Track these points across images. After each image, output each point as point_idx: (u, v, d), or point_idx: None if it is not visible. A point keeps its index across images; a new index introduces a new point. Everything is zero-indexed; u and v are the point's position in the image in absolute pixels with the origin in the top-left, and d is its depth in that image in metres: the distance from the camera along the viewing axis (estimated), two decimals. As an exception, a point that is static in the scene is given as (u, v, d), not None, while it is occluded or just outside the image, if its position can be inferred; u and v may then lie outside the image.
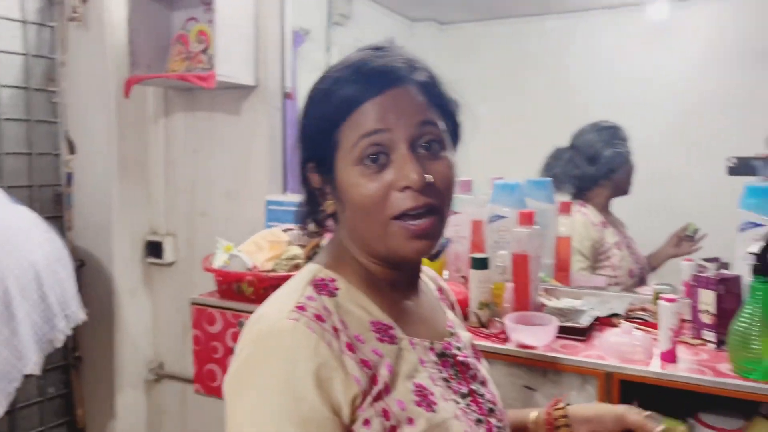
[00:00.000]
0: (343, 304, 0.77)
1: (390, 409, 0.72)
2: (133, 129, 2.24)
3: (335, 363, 0.70)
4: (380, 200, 0.74)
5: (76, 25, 2.16)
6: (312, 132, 0.80)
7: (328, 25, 2.91)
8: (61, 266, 1.80)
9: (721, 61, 2.48)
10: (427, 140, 0.76)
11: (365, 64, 0.77)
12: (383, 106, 0.74)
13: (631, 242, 2.08)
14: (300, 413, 0.68)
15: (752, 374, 1.14)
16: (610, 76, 2.65)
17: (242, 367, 0.72)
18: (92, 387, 2.31)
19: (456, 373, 0.84)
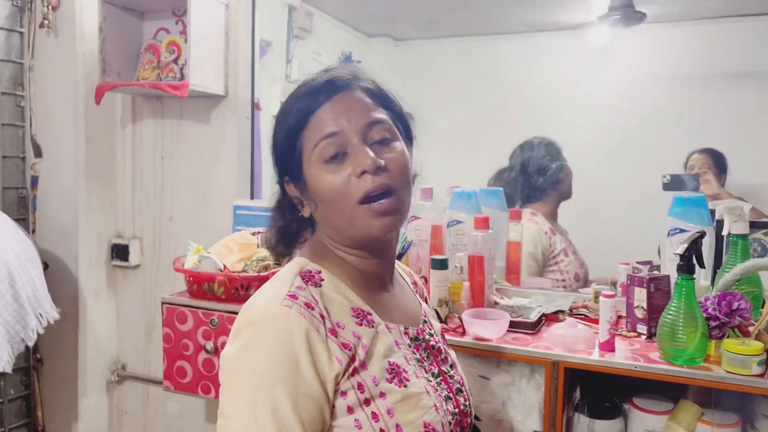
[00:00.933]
0: (327, 294, 0.87)
1: (364, 383, 0.83)
2: (101, 134, 2.29)
3: (322, 346, 0.81)
4: (344, 189, 0.85)
5: (45, 32, 2.20)
6: (281, 146, 0.92)
7: (289, 38, 3.02)
8: (32, 266, 1.84)
9: (656, 84, 2.70)
10: (377, 134, 0.88)
11: (315, 79, 0.90)
12: (334, 109, 0.87)
13: (575, 249, 2.26)
14: (294, 381, 0.78)
15: (677, 360, 1.30)
16: (556, 94, 2.84)
17: (240, 347, 0.81)
18: (54, 388, 2.32)
19: (428, 356, 0.96)
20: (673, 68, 2.69)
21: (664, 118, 2.65)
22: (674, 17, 2.75)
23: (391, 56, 3.39)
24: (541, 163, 2.18)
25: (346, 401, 0.82)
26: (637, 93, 2.72)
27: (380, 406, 0.83)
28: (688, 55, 2.68)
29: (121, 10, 2.16)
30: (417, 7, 3.05)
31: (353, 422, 0.82)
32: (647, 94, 2.72)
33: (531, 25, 2.99)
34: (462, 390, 0.98)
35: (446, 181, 2.01)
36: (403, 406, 0.85)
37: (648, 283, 1.47)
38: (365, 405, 0.83)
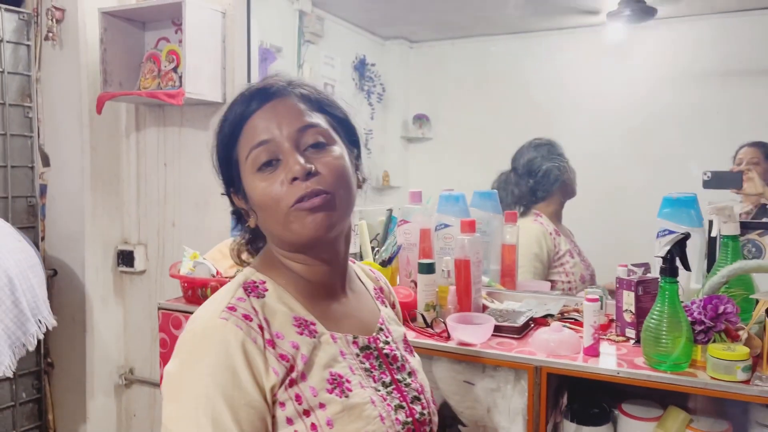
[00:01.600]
0: (269, 304, 0.87)
1: (302, 394, 0.83)
2: (106, 143, 2.34)
3: (260, 357, 0.82)
4: (277, 196, 0.85)
5: (51, 44, 2.26)
6: (220, 157, 0.93)
7: (300, 43, 3.03)
8: (33, 273, 1.89)
9: (673, 80, 2.64)
10: (311, 139, 0.87)
11: (249, 88, 0.90)
12: (265, 117, 0.87)
13: (581, 250, 2.22)
14: (233, 392, 0.78)
15: (662, 366, 1.26)
16: (569, 93, 2.80)
17: (180, 361, 0.82)
18: (64, 392, 2.38)
19: (380, 364, 0.94)
20: (690, 64, 2.63)
21: (684, 115, 2.58)
22: (687, 12, 2.68)
23: (407, 58, 3.39)
24: (541, 164, 2.15)
25: (285, 412, 0.82)
26: (653, 90, 2.66)
27: (320, 417, 0.83)
28: (705, 51, 2.61)
29: (122, 21, 2.20)
30: (431, 9, 3.04)
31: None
32: (664, 91, 2.66)
33: (543, 25, 2.96)
34: (420, 398, 0.97)
35: (463, 183, 2.00)
36: (343, 417, 0.84)
37: (636, 286, 1.43)
38: (305, 416, 0.82)
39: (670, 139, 2.58)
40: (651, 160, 2.59)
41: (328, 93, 0.94)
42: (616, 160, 2.58)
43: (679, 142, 2.55)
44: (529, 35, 3.03)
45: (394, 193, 3.02)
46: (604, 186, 2.41)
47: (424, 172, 3.07)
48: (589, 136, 2.49)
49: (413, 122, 3.14)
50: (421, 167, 3.10)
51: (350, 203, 0.90)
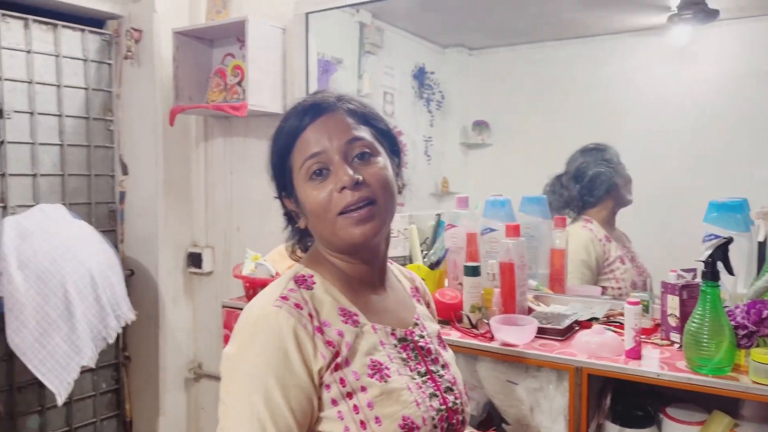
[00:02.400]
0: (317, 295, 0.97)
1: (346, 378, 0.92)
2: (178, 153, 2.52)
3: (309, 342, 0.91)
4: (327, 203, 0.94)
5: (129, 62, 2.46)
6: (275, 165, 1.03)
7: (360, 54, 3.14)
8: (113, 273, 2.06)
9: (743, 83, 2.57)
10: (358, 152, 0.96)
11: (302, 103, 1.00)
12: (318, 130, 0.96)
13: (635, 256, 2.20)
14: (284, 373, 0.87)
15: (703, 369, 1.27)
16: (635, 98, 2.77)
17: (237, 345, 0.92)
18: (139, 384, 2.57)
19: (416, 356, 1.02)
20: (754, 65, 2.56)
21: (749, 118, 2.51)
22: (750, 12, 2.61)
23: (466, 65, 3.42)
24: (593, 169, 2.15)
25: (330, 394, 0.91)
26: (716, 94, 2.59)
27: (361, 399, 0.91)
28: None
29: (192, 39, 2.37)
30: (490, 16, 3.07)
31: (336, 414, 0.91)
32: (727, 94, 2.59)
33: (602, 29, 2.94)
34: (452, 389, 1.03)
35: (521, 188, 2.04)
36: (382, 400, 0.92)
37: (680, 290, 1.44)
38: (347, 398, 0.91)
39: (735, 143, 2.51)
40: (714, 163, 2.53)
41: (372, 107, 1.04)
42: (677, 164, 2.52)
43: (744, 145, 2.48)
44: (588, 39, 3.01)
45: (453, 199, 3.06)
46: (665, 191, 2.37)
47: (483, 178, 3.10)
48: (650, 140, 2.46)
49: (473, 128, 3.17)
50: (480, 173, 3.12)
51: (392, 210, 0.99)
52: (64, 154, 2.36)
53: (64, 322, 1.90)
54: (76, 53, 2.40)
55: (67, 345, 1.91)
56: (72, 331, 1.91)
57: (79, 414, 2.43)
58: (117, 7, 2.44)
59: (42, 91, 2.30)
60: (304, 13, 2.25)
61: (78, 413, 2.42)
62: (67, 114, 2.37)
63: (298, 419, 0.88)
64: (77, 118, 2.42)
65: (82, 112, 2.43)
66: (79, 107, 2.42)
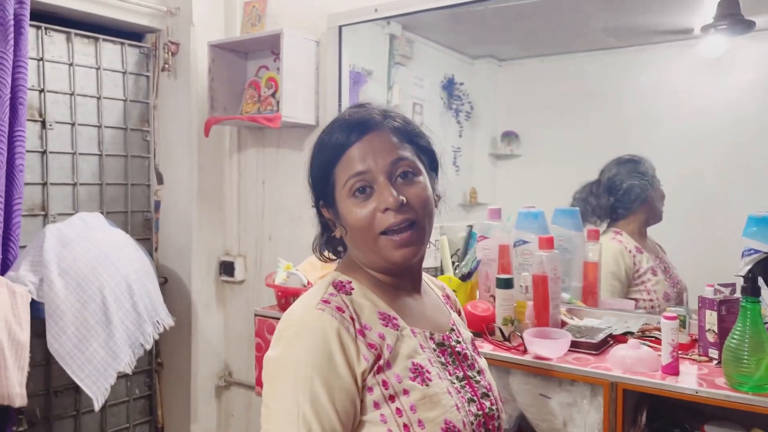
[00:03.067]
0: (356, 300, 0.98)
1: (389, 380, 0.93)
2: (211, 163, 2.56)
3: (352, 344, 0.92)
4: (369, 222, 0.96)
5: (166, 75, 2.52)
6: (316, 176, 1.04)
7: (390, 65, 3.16)
8: (149, 280, 2.10)
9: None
10: (401, 172, 0.98)
11: (348, 118, 1.01)
12: (363, 148, 0.97)
13: (669, 267, 2.17)
14: (330, 375, 0.88)
15: (743, 387, 1.25)
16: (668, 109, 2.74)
17: (280, 349, 0.93)
18: (171, 390, 2.60)
19: (453, 360, 1.03)
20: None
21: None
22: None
23: (495, 76, 3.42)
24: (626, 180, 2.13)
25: (373, 396, 0.92)
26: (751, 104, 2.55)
27: (404, 402, 0.92)
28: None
29: (227, 52, 2.42)
30: (520, 27, 3.07)
31: (379, 417, 0.91)
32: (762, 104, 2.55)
33: (634, 41, 2.91)
34: (488, 395, 1.04)
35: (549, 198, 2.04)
36: (425, 403, 0.93)
37: (719, 305, 1.42)
38: (390, 401, 0.92)
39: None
40: (748, 177, 2.48)
41: (415, 124, 1.05)
42: (711, 178, 2.49)
43: None
44: (620, 51, 2.99)
45: (482, 209, 3.04)
46: (699, 203, 2.33)
47: (512, 188, 3.09)
48: (684, 152, 2.43)
49: (501, 139, 3.17)
50: (509, 184, 3.11)
51: (431, 229, 1.01)
52: (102, 163, 2.42)
53: (102, 329, 1.94)
54: (115, 66, 2.46)
55: (104, 351, 1.95)
56: (110, 338, 1.95)
57: (113, 419, 2.47)
58: (155, 21, 2.50)
59: (83, 102, 2.36)
60: (337, 26, 2.28)
61: (111, 418, 2.46)
62: (106, 125, 2.44)
63: (342, 421, 0.89)
64: (115, 128, 2.48)
65: (120, 123, 2.49)
66: (117, 118, 2.48)
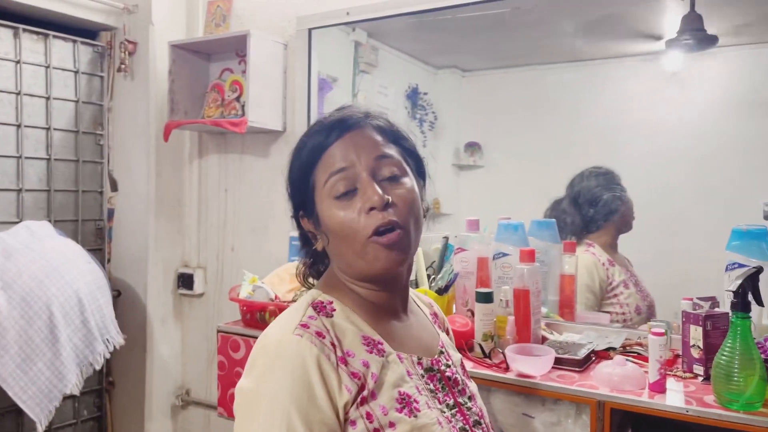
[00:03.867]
0: (338, 323, 0.89)
1: (373, 412, 0.84)
2: (170, 169, 2.43)
3: (333, 373, 0.83)
4: (354, 224, 0.87)
5: (122, 75, 2.38)
6: (294, 182, 0.95)
7: (355, 73, 3.09)
8: (102, 294, 1.96)
9: (732, 110, 2.57)
10: (386, 170, 0.90)
11: (327, 119, 0.93)
12: (344, 147, 0.90)
13: (638, 280, 2.16)
14: (308, 408, 0.79)
15: (733, 405, 1.21)
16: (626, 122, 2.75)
17: (255, 377, 0.84)
18: (123, 411, 2.44)
19: (443, 387, 0.95)
20: (748, 93, 2.56)
21: (742, 146, 2.51)
22: (750, 39, 2.62)
23: (459, 87, 3.40)
24: (596, 193, 2.12)
25: (356, 431, 0.83)
26: (712, 120, 2.59)
27: None
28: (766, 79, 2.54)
29: (189, 53, 2.31)
30: (485, 39, 3.06)
31: None
32: (722, 120, 2.58)
33: (598, 53, 2.93)
34: (480, 422, 0.97)
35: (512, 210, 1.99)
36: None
37: (704, 320, 1.39)
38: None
39: (732, 170, 2.50)
40: (712, 190, 2.51)
41: (399, 125, 0.97)
42: (675, 190, 2.51)
43: (741, 172, 2.47)
44: (584, 63, 3.00)
45: (445, 220, 3.01)
46: (663, 216, 2.34)
47: (475, 199, 3.06)
48: (648, 165, 2.44)
49: (465, 150, 3.14)
50: (472, 195, 3.08)
51: (419, 236, 0.93)
52: (51, 168, 2.26)
53: (48, 347, 1.79)
54: (66, 65, 2.31)
55: (50, 371, 1.79)
56: (56, 357, 1.80)
57: (59, 442, 2.30)
58: (111, 19, 2.36)
59: (30, 102, 2.20)
60: (307, 29, 2.20)
61: (57, 442, 2.29)
62: (56, 127, 2.28)
63: None
64: (66, 131, 2.32)
65: (71, 126, 2.33)
66: (68, 120, 2.33)
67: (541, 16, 2.70)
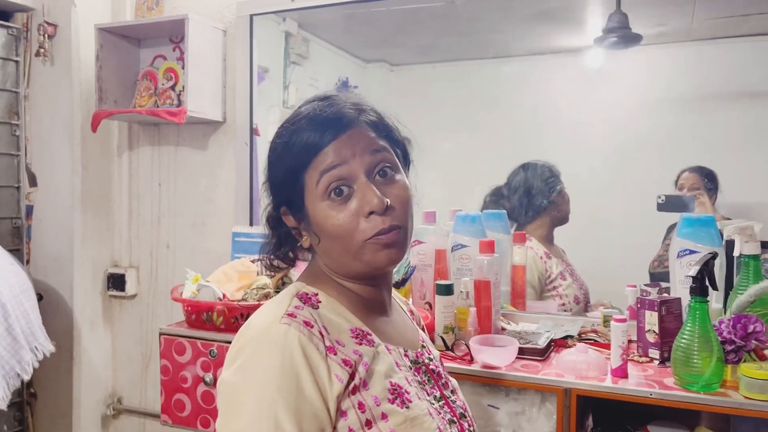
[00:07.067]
0: (325, 314, 0.85)
1: (365, 402, 0.80)
2: (97, 162, 2.26)
3: (322, 364, 0.78)
4: (351, 226, 0.83)
5: (41, 60, 2.18)
6: (280, 180, 0.90)
7: (286, 64, 3.01)
8: (26, 298, 1.79)
9: (653, 105, 2.69)
10: (381, 167, 0.86)
11: (318, 114, 0.87)
12: (339, 147, 0.84)
13: (573, 270, 2.22)
14: (297, 401, 0.75)
15: (693, 386, 1.26)
16: (553, 116, 2.83)
17: (239, 368, 0.78)
18: (48, 424, 2.25)
19: (429, 379, 0.93)
20: (668, 89, 2.69)
21: (661, 140, 2.63)
22: (670, 38, 2.75)
23: (388, 81, 3.39)
24: (537, 185, 2.16)
25: (347, 422, 0.79)
26: (634, 114, 2.70)
27: (382, 428, 0.80)
28: (684, 76, 2.67)
29: (118, 38, 2.15)
30: (413, 33, 3.05)
31: None
32: (644, 115, 2.70)
33: (528, 49, 2.99)
34: (465, 415, 0.96)
35: (445, 204, 1.99)
36: (406, 427, 0.81)
37: (659, 306, 1.43)
38: (366, 427, 0.79)
39: (649, 163, 2.62)
40: (630, 183, 2.63)
41: (387, 115, 0.93)
42: (597, 183, 2.60)
43: (656, 165, 2.60)
44: (512, 59, 3.06)
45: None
46: (586, 208, 2.43)
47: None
48: (572, 159, 2.52)
49: (395, 145, 3.12)
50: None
51: (412, 232, 0.90)
52: (-40, 161, 2.05)
53: (-33, 358, 1.61)
54: (-24, 47, 2.10)
55: (-30, 385, 1.62)
56: (-23, 369, 1.63)
57: (-25, 462, 2.09)
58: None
59: (-66, 88, 1.98)
60: (248, 15, 2.10)
61: (-27, 462, 2.09)
62: (-35, 116, 2.07)
63: None
64: (-24, 120, 2.11)
65: (-18, 115, 2.12)
66: (-21, 109, 2.11)
67: (472, 11, 2.73)
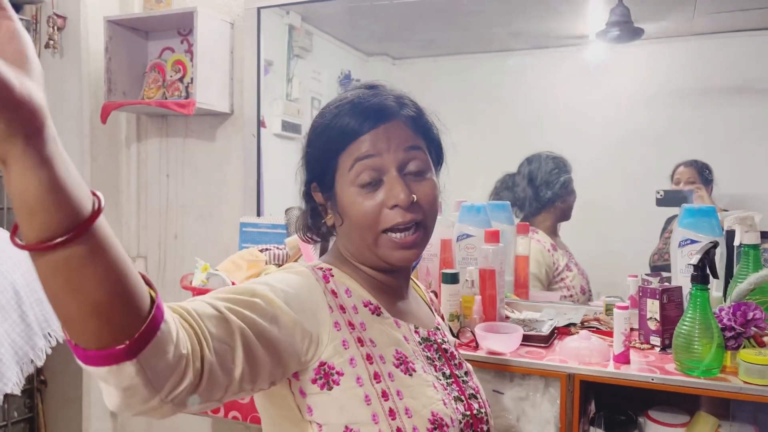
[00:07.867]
0: (338, 283, 0.90)
1: (373, 355, 0.84)
2: (106, 153, 2.29)
3: (327, 313, 0.84)
4: (374, 216, 0.87)
5: (51, 52, 2.21)
6: (316, 158, 0.93)
7: (289, 58, 3.03)
8: (39, 285, 1.82)
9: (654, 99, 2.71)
10: (413, 165, 0.89)
11: (361, 102, 0.89)
12: (376, 137, 0.88)
13: (577, 261, 2.25)
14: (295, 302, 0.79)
15: (694, 372, 1.29)
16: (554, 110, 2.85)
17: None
18: (58, 411, 2.29)
19: (439, 357, 0.96)
20: (669, 83, 2.71)
21: (661, 133, 2.65)
22: (672, 33, 2.77)
23: (389, 74, 3.40)
24: (548, 177, 2.18)
25: (355, 370, 0.82)
26: (635, 108, 2.72)
27: (390, 386, 0.84)
28: (685, 71, 2.69)
29: (126, 30, 2.17)
30: (415, 27, 3.07)
31: (364, 396, 0.81)
32: (644, 109, 2.72)
33: (529, 43, 3.01)
34: (476, 396, 0.97)
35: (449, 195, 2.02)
36: (412, 390, 0.85)
37: (661, 294, 1.46)
38: (375, 380, 0.83)
39: (648, 157, 2.65)
40: (630, 176, 2.66)
41: (428, 113, 0.95)
42: (597, 176, 2.63)
43: (655, 159, 2.62)
44: (514, 53, 3.08)
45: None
46: (586, 200, 2.46)
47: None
48: (573, 152, 2.54)
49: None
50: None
51: (432, 231, 0.94)
52: (-29, 152, 2.07)
53: (-19, 344, 1.64)
54: (-14, 39, 2.12)
55: (-16, 370, 1.65)
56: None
57: (-13, 448, 2.13)
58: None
59: (-54, 79, 2.00)
60: (255, 8, 2.13)
61: (-15, 447, 2.12)
62: (-24, 107, 2.09)
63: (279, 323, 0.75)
64: (-13, 112, 2.13)
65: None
66: (-11, 100, 2.13)
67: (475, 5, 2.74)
